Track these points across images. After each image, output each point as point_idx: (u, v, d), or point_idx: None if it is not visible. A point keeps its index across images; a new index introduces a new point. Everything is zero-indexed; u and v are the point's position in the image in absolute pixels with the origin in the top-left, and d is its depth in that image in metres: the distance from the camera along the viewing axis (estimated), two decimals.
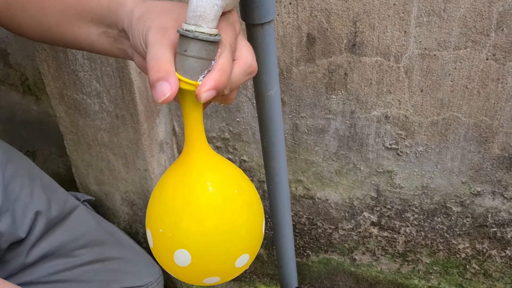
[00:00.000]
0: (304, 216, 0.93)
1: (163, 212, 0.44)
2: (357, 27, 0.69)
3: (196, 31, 0.37)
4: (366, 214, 0.89)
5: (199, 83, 0.38)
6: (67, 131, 0.88)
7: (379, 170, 0.82)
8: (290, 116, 0.81)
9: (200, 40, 0.37)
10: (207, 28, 0.37)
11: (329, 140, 0.82)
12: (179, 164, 0.45)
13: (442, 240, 0.87)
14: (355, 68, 0.73)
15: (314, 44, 0.72)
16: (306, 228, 0.95)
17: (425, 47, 0.68)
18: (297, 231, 0.96)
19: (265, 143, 0.63)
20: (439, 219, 0.85)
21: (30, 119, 1.06)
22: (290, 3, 0.70)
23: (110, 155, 0.87)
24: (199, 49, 0.37)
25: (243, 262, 0.46)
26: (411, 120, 0.75)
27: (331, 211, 0.91)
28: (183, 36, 0.37)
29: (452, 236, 0.86)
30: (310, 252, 0.99)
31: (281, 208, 0.71)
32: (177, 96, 0.39)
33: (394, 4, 0.66)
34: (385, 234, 0.90)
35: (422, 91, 0.72)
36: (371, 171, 0.83)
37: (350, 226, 0.91)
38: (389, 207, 0.86)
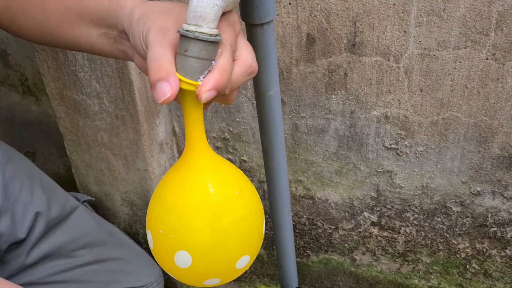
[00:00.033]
0: (304, 216, 0.93)
1: (164, 214, 0.44)
2: (356, 27, 0.69)
3: (196, 32, 0.37)
4: (366, 214, 0.89)
5: (199, 83, 0.38)
6: (67, 131, 0.88)
7: (379, 170, 0.83)
8: (290, 116, 0.81)
9: (200, 40, 0.37)
10: (207, 28, 0.37)
11: (329, 140, 0.82)
12: (180, 165, 0.45)
13: (442, 240, 0.87)
14: (355, 68, 0.73)
15: (314, 44, 0.72)
16: (306, 228, 0.95)
17: (424, 47, 0.68)
18: (297, 231, 0.96)
19: (265, 143, 0.63)
20: (439, 219, 0.85)
21: (30, 120, 1.06)
22: (290, 3, 0.70)
23: (110, 155, 0.87)
24: (200, 49, 0.37)
25: (243, 263, 0.46)
26: (411, 120, 0.75)
27: (331, 211, 0.91)
28: (183, 37, 0.37)
29: (452, 236, 0.86)
30: (310, 252, 0.99)
31: (281, 208, 0.71)
32: (177, 97, 0.39)
33: (394, 4, 0.66)
34: (385, 234, 0.90)
35: (422, 91, 0.72)
36: (371, 171, 0.83)
37: (350, 226, 0.91)
38: (389, 207, 0.86)
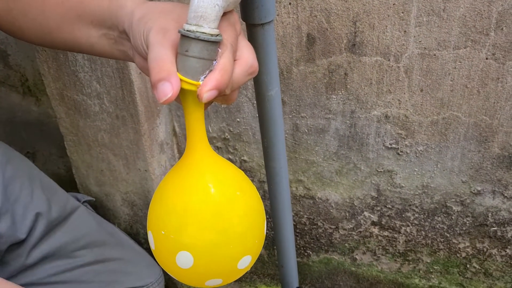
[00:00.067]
0: (305, 216, 0.93)
1: (165, 214, 0.44)
2: (357, 27, 0.69)
3: (197, 31, 0.37)
4: (366, 213, 0.89)
5: (200, 83, 0.38)
6: (67, 132, 0.88)
7: (379, 170, 0.83)
8: (290, 116, 0.81)
9: (201, 40, 0.37)
10: (208, 28, 0.37)
11: (329, 140, 0.82)
12: (181, 165, 0.45)
13: (442, 239, 0.87)
14: (355, 68, 0.73)
15: (314, 44, 0.72)
16: (306, 228, 0.95)
17: (424, 47, 0.68)
18: (297, 231, 0.96)
19: (265, 143, 0.63)
20: (439, 219, 0.85)
21: (30, 120, 1.06)
22: (290, 3, 0.70)
23: (110, 156, 0.87)
24: (201, 49, 0.37)
25: (245, 263, 0.46)
26: (411, 120, 0.75)
27: (331, 211, 0.91)
28: (184, 37, 0.37)
29: (452, 235, 0.86)
30: (310, 252, 0.99)
31: (281, 208, 0.71)
32: (178, 97, 0.39)
33: (394, 4, 0.66)
34: (385, 233, 0.90)
35: (422, 90, 0.72)
36: (372, 171, 0.83)
37: (351, 226, 0.91)
38: (389, 206, 0.86)
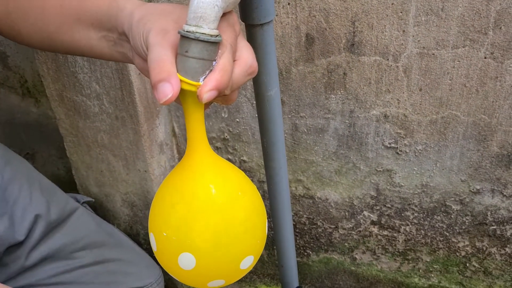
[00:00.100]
0: (304, 215, 0.94)
1: (167, 216, 0.44)
2: (355, 26, 0.69)
3: (197, 32, 0.37)
4: (366, 213, 0.89)
5: (200, 83, 0.38)
6: (67, 133, 0.88)
7: (378, 169, 0.83)
8: (289, 116, 0.81)
9: (201, 41, 0.37)
10: (208, 29, 0.37)
11: (328, 140, 0.82)
12: (182, 167, 0.45)
13: (442, 238, 0.87)
14: (354, 67, 0.73)
15: (313, 44, 0.73)
16: (306, 228, 0.95)
17: (423, 46, 0.68)
18: (297, 230, 0.96)
19: (265, 143, 0.63)
20: (438, 218, 0.85)
21: (30, 122, 1.06)
22: (289, 4, 0.70)
23: (110, 156, 0.87)
24: (200, 50, 0.37)
25: (248, 263, 0.46)
26: (410, 119, 0.75)
27: (331, 210, 0.91)
28: (184, 37, 0.37)
29: (452, 234, 0.86)
30: (310, 252, 0.99)
31: (281, 208, 0.71)
32: (178, 97, 0.39)
33: (392, 3, 0.66)
34: (385, 233, 0.90)
35: (421, 90, 0.72)
36: (371, 170, 0.83)
37: (350, 225, 0.91)
38: (389, 206, 0.86)
